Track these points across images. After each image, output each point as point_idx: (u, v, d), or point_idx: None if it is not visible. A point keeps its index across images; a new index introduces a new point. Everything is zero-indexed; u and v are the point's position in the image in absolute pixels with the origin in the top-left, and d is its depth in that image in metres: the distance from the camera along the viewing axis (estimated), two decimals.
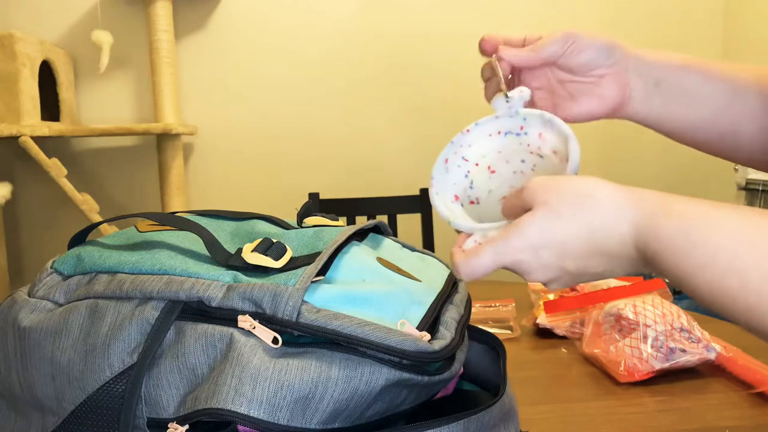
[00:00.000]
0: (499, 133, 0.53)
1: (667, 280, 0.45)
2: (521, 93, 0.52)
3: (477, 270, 0.43)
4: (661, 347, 0.75)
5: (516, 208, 0.44)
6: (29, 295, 0.48)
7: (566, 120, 0.53)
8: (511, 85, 0.55)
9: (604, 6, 2.24)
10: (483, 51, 0.56)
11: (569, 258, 0.41)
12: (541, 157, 0.51)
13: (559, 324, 0.91)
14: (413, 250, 0.59)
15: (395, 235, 1.63)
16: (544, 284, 0.44)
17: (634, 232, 0.39)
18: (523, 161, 0.52)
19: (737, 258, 0.35)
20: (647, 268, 0.41)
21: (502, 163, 0.53)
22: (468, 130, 0.53)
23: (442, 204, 0.50)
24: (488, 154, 0.53)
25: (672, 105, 0.55)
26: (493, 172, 0.53)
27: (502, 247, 0.42)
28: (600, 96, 0.55)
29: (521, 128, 0.52)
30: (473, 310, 0.98)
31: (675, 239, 0.37)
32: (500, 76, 0.53)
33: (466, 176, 0.52)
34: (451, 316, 0.47)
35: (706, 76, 0.54)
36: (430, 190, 0.51)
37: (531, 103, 0.54)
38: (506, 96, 0.52)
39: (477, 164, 0.53)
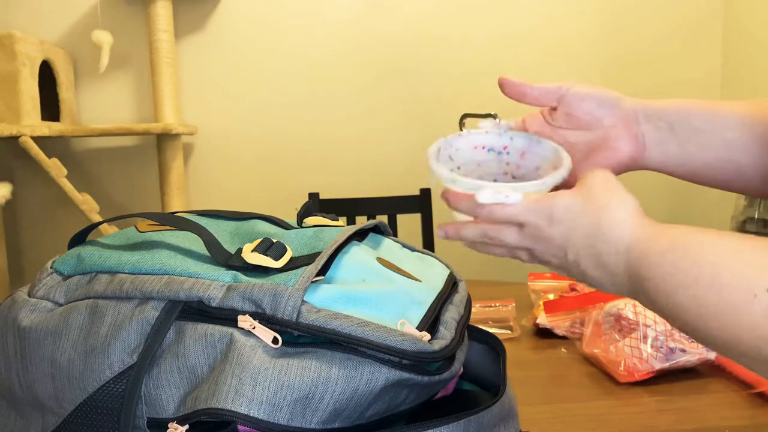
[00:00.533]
0: (484, 148, 0.55)
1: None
2: (509, 120, 0.56)
3: (501, 214, 0.46)
4: (661, 347, 0.75)
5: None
6: (29, 295, 0.48)
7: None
8: None
9: (604, 8, 2.24)
10: (506, 94, 0.57)
11: (572, 247, 0.44)
12: (514, 178, 0.55)
13: (559, 324, 0.91)
14: (413, 250, 0.59)
15: (395, 235, 1.63)
16: (535, 255, 0.47)
17: (629, 246, 0.42)
18: (495, 180, 0.55)
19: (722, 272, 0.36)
20: (625, 287, 0.43)
21: (477, 175, 0.55)
22: (461, 134, 0.55)
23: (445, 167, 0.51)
24: (469, 164, 0.55)
25: (688, 145, 0.54)
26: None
27: (528, 205, 0.45)
28: (613, 149, 0.54)
29: (505, 148, 0.55)
30: (473, 310, 0.98)
31: (666, 254, 0.39)
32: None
33: (451, 171, 0.54)
34: (451, 316, 0.47)
35: (713, 112, 0.54)
36: (430, 158, 0.52)
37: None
38: (496, 117, 0.55)
39: (458, 167, 0.55)
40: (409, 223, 1.86)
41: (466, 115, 0.56)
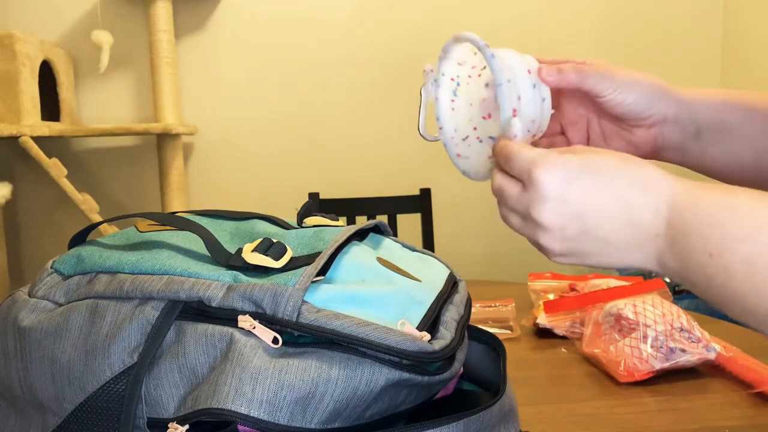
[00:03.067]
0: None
1: (667, 280, 0.45)
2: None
3: (512, 156, 0.43)
4: (661, 347, 0.75)
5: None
6: (29, 295, 0.48)
7: None
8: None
9: (604, 9, 2.24)
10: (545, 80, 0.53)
11: (591, 206, 0.40)
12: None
13: (559, 324, 0.91)
14: (413, 250, 0.59)
15: (395, 235, 1.63)
16: (545, 229, 0.42)
17: (671, 202, 0.39)
18: (486, 85, 0.54)
19: None
20: (662, 251, 0.39)
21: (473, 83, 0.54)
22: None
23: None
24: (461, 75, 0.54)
25: (712, 148, 0.52)
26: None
27: (541, 155, 0.42)
28: (630, 143, 0.53)
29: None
30: (473, 310, 0.98)
31: (716, 209, 0.37)
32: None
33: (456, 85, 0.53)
34: (451, 316, 0.47)
35: (748, 111, 0.51)
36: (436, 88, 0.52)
37: (565, 140, 0.56)
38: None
39: (452, 79, 0.54)
40: (409, 223, 1.86)
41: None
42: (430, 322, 0.45)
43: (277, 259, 0.44)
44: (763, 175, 0.52)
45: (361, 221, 0.60)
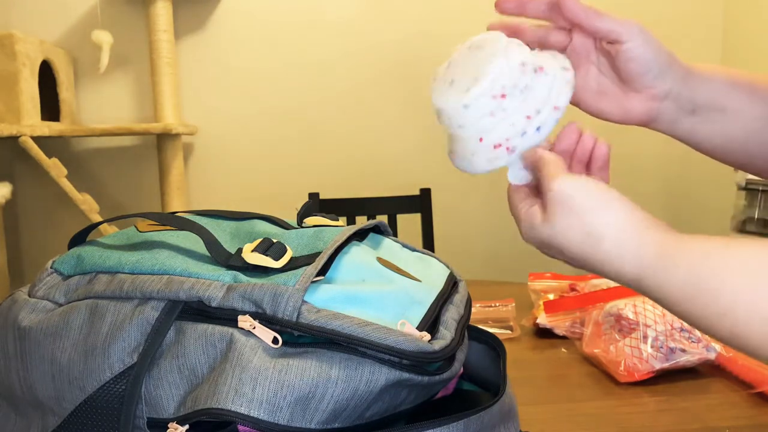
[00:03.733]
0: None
1: None
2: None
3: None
4: (661, 347, 0.75)
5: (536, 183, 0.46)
6: (29, 295, 0.48)
7: (578, 106, 0.53)
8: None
9: (604, 7, 2.24)
10: (503, 11, 0.52)
11: (576, 259, 0.44)
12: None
13: (559, 324, 0.91)
14: (413, 250, 0.59)
15: (395, 235, 1.63)
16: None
17: (639, 278, 0.40)
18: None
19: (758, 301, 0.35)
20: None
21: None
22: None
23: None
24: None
25: (704, 126, 0.52)
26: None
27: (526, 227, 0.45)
28: (623, 108, 0.52)
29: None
30: (473, 310, 0.98)
31: (685, 287, 0.37)
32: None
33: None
34: (451, 316, 0.47)
35: (752, 95, 0.51)
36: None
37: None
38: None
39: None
40: (409, 223, 1.86)
41: None
42: (430, 322, 0.45)
43: (277, 259, 0.44)
44: (747, 154, 0.52)
45: (361, 221, 0.60)
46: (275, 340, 0.40)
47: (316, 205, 1.65)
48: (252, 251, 0.45)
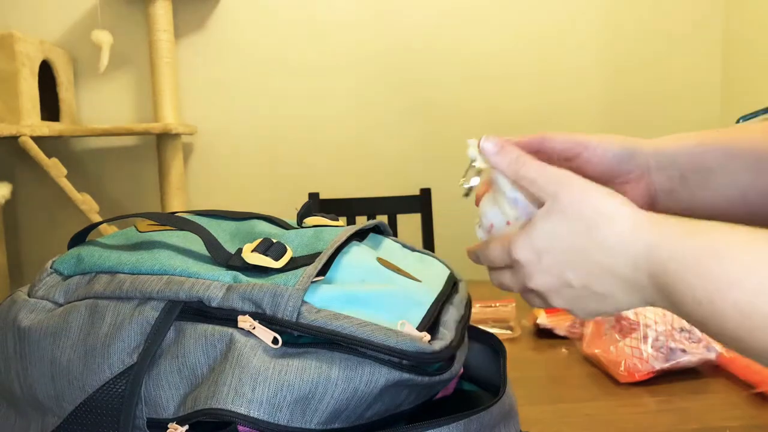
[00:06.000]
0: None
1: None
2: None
3: (485, 260, 0.48)
4: (662, 347, 0.74)
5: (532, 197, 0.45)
6: (29, 295, 0.48)
7: None
8: None
9: (606, 15, 2.24)
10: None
11: (571, 269, 0.42)
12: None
13: (559, 324, 0.91)
14: (413, 250, 0.59)
15: (395, 235, 1.63)
16: (543, 295, 0.45)
17: (648, 255, 0.39)
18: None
19: None
20: (655, 298, 0.40)
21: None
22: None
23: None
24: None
25: (699, 192, 0.52)
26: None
27: (510, 244, 0.44)
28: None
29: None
30: (473, 310, 0.98)
31: (700, 257, 0.36)
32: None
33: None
34: (451, 316, 0.47)
35: (725, 150, 0.51)
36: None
37: None
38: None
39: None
40: (409, 223, 1.86)
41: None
42: (431, 323, 0.45)
43: (276, 259, 0.44)
44: (753, 209, 0.51)
45: (361, 221, 0.60)
46: (275, 341, 0.40)
47: (316, 205, 1.65)
48: (252, 251, 0.45)
